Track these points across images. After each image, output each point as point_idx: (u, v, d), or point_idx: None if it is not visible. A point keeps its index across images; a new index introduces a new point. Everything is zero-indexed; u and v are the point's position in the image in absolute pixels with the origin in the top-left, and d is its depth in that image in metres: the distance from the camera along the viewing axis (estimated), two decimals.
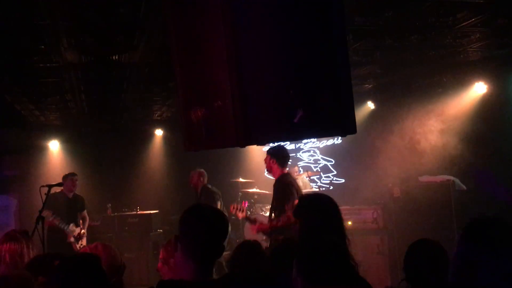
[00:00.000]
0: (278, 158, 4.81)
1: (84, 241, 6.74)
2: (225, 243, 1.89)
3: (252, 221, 5.68)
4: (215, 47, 2.14)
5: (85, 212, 7.02)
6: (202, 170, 6.98)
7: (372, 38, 4.70)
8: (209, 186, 6.93)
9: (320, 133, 2.68)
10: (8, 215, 8.55)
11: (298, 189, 4.80)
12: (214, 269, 1.86)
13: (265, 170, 5.15)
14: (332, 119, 2.20)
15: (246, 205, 6.84)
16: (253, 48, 2.09)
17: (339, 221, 2.44)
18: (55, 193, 6.30)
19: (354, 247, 2.44)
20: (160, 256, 2.70)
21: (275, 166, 4.81)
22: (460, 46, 5.14)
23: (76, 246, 6.59)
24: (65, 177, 6.76)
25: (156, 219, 8.03)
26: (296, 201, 4.44)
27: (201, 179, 6.88)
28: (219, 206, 6.48)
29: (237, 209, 5.85)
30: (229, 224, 1.95)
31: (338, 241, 2.28)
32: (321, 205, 2.42)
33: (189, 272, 1.77)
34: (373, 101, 7.84)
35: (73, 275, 1.86)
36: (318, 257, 1.76)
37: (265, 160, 4.90)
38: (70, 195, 6.85)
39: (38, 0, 3.22)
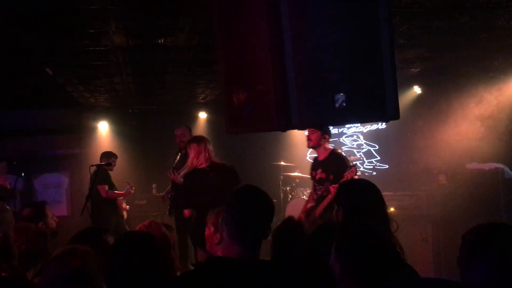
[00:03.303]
0: (327, 133, 4.86)
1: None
2: (271, 225, 1.93)
3: None
4: (258, 31, 2.15)
5: None
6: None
7: (420, 20, 4.55)
8: None
9: (362, 118, 2.65)
10: (60, 192, 8.98)
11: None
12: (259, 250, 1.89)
13: (311, 146, 4.96)
14: (375, 104, 2.17)
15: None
16: (296, 31, 2.08)
17: (382, 207, 2.41)
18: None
19: (396, 234, 2.41)
20: (206, 234, 2.78)
21: (325, 141, 4.83)
22: None
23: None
24: (108, 156, 6.97)
25: None
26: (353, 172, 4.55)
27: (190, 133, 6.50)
28: None
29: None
30: (274, 206, 1.98)
31: (381, 227, 2.27)
32: (363, 191, 2.40)
33: (235, 253, 1.82)
34: (420, 86, 7.63)
35: (131, 253, 1.93)
36: (359, 245, 1.74)
37: (312, 136, 4.81)
38: None
39: None
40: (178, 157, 6.17)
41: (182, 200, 5.25)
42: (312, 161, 5.35)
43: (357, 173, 4.78)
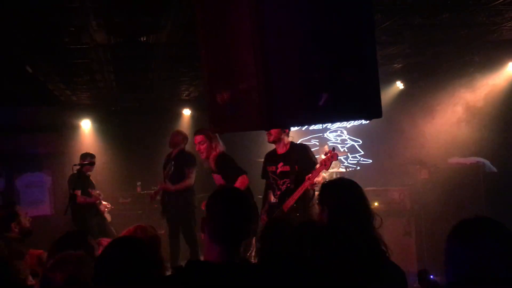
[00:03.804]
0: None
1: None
2: (252, 225, 1.93)
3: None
4: (241, 29, 2.14)
5: None
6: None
7: (401, 17, 4.59)
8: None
9: (345, 117, 2.66)
10: (43, 191, 8.85)
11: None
12: (240, 251, 1.90)
13: (271, 141, 4.89)
14: (357, 103, 2.19)
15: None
16: (279, 29, 2.07)
17: (366, 204, 2.43)
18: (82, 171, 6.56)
19: (380, 228, 2.44)
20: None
21: (285, 135, 4.69)
22: (493, 25, 4.98)
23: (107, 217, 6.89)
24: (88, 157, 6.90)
25: None
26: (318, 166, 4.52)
27: (185, 142, 6.52)
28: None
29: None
30: (256, 207, 1.98)
31: (366, 224, 2.29)
32: (347, 190, 2.42)
33: (215, 254, 1.82)
34: (402, 81, 7.70)
35: (120, 260, 1.93)
36: (348, 246, 1.77)
37: (273, 130, 4.56)
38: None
39: None
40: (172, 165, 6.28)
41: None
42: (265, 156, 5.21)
43: (338, 157, 4.72)
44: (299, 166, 4.62)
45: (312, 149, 5.00)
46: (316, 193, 4.21)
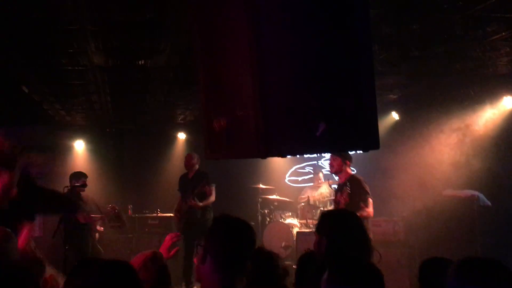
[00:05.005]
0: (348, 159, 5.40)
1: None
2: None
3: None
4: (239, 56, 2.13)
5: None
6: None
7: (399, 49, 4.64)
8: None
9: (342, 148, 2.64)
10: None
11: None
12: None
13: (333, 171, 5.58)
14: (355, 134, 2.17)
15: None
16: (277, 58, 2.07)
17: (364, 236, 2.40)
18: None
19: (373, 260, 2.40)
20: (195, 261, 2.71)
21: (346, 166, 5.38)
22: (489, 59, 5.04)
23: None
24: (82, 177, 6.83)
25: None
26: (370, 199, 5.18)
27: (199, 162, 7.04)
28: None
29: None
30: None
31: (365, 257, 2.25)
32: (346, 222, 2.39)
33: (216, 283, 1.78)
34: (398, 112, 7.74)
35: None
36: (353, 279, 1.74)
37: (334, 163, 5.39)
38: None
39: (67, 6, 3.28)
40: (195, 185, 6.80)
41: None
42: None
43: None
44: (351, 200, 5.13)
45: (306, 177, 5.10)
46: None
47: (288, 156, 5.46)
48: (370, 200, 5.23)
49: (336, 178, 5.95)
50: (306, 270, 2.34)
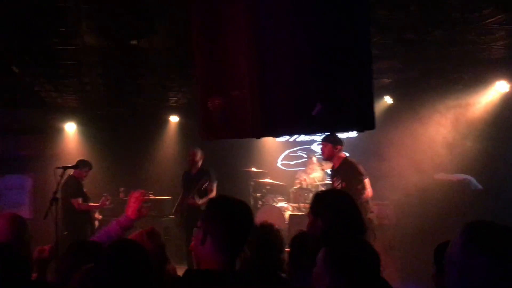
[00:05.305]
0: (339, 143, 5.38)
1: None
2: None
3: None
4: (237, 37, 2.11)
5: None
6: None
7: (394, 32, 4.61)
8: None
9: (337, 128, 2.64)
10: (23, 194, 8.67)
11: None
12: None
13: (325, 158, 5.59)
14: (351, 114, 2.16)
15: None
16: (274, 39, 2.06)
17: (359, 217, 2.40)
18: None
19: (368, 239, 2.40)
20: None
21: (337, 151, 5.35)
22: (483, 43, 5.04)
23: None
24: (84, 165, 6.84)
25: (168, 205, 8.08)
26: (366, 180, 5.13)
27: (202, 159, 6.84)
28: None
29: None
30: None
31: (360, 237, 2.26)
32: (340, 202, 2.39)
33: (217, 263, 1.78)
34: (391, 96, 7.74)
35: (121, 268, 1.87)
36: (354, 260, 1.74)
37: (325, 149, 5.39)
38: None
39: None
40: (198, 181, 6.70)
41: None
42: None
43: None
44: (346, 184, 5.13)
45: (299, 161, 5.12)
46: None
47: (281, 139, 5.50)
48: (366, 181, 5.21)
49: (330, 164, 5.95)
50: (299, 251, 2.34)
